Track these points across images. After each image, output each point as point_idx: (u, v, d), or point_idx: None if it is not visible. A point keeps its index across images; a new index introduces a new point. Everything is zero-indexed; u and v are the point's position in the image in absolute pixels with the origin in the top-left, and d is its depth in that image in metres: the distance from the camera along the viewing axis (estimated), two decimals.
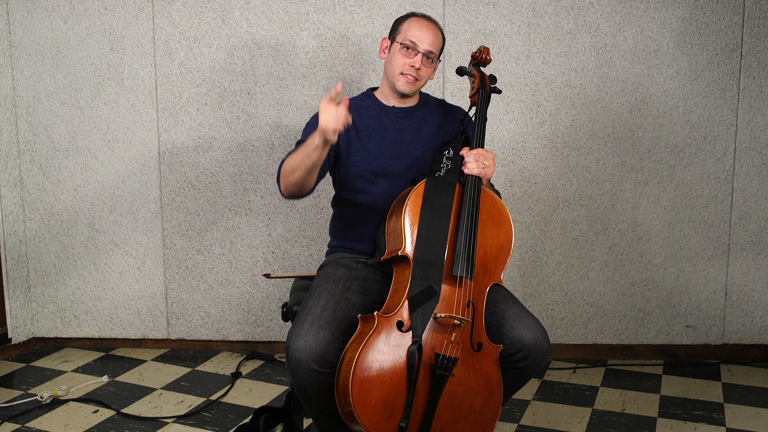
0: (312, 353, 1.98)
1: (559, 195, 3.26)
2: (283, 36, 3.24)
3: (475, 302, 2.07)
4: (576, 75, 3.19)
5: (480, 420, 2.03)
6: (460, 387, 2.01)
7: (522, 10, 3.15)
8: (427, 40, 2.28)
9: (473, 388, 2.02)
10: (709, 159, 3.21)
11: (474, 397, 2.02)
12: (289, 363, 2.02)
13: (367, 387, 1.94)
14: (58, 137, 3.38)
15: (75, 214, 3.43)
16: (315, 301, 2.13)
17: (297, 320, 2.07)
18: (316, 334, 2.00)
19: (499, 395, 2.05)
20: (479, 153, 2.15)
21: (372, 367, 1.95)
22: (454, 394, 2.01)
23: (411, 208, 2.11)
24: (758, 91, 3.16)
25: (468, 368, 2.02)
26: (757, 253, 3.25)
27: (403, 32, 2.30)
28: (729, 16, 3.12)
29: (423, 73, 2.30)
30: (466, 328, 2.03)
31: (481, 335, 2.05)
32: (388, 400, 1.96)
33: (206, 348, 3.50)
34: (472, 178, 2.13)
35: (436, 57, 2.32)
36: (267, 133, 3.31)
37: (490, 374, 2.04)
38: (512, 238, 2.16)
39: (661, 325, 3.32)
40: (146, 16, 3.27)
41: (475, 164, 2.13)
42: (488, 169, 2.15)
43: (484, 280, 2.11)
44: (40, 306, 3.51)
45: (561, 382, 3.11)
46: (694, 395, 2.98)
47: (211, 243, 3.40)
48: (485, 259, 2.12)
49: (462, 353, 2.02)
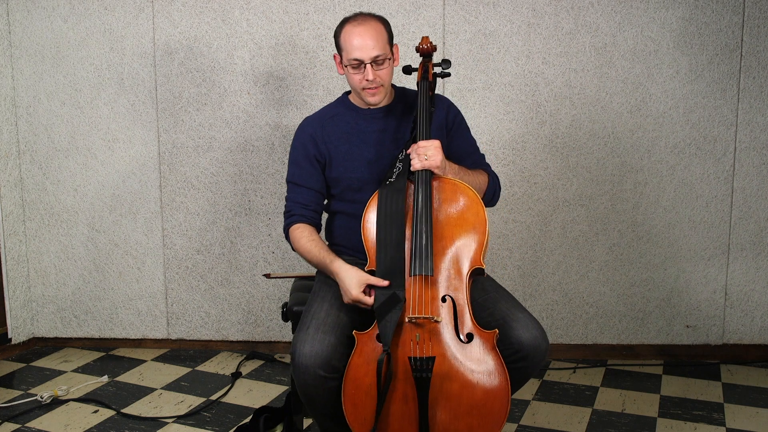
0: (318, 359, 1.98)
1: (559, 195, 3.26)
2: (283, 36, 3.24)
3: (453, 295, 2.05)
4: (576, 75, 3.18)
5: (485, 413, 1.99)
6: (453, 384, 1.99)
7: (522, 10, 3.15)
8: (367, 48, 2.19)
9: (470, 382, 1.99)
10: (709, 159, 3.21)
11: (473, 390, 1.99)
12: (295, 369, 2.02)
13: (359, 405, 2.00)
14: (58, 137, 3.38)
15: (75, 214, 3.43)
16: (319, 305, 2.13)
17: (302, 325, 2.07)
18: (322, 340, 2.00)
19: (504, 381, 1.99)
20: (419, 146, 2.13)
21: (358, 386, 2.00)
22: (448, 393, 1.99)
23: (366, 224, 2.15)
24: (758, 91, 3.16)
25: (459, 362, 2.00)
26: (757, 253, 3.25)
27: (344, 49, 2.24)
28: (729, 16, 3.12)
29: (382, 75, 2.24)
30: (446, 323, 2.02)
31: (468, 326, 2.02)
32: (381, 414, 1.99)
33: (206, 348, 3.50)
34: (419, 174, 2.11)
35: (388, 53, 2.24)
36: (267, 133, 3.31)
37: (488, 363, 1.99)
38: (484, 218, 2.10)
39: (661, 325, 3.32)
40: (146, 16, 3.27)
41: (417, 159, 2.12)
42: (431, 159, 2.11)
43: (459, 269, 2.08)
44: (40, 306, 3.51)
45: (561, 382, 3.11)
46: (694, 395, 2.98)
47: (211, 243, 3.40)
48: (454, 248, 2.09)
49: (449, 348, 2.00)
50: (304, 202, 2.33)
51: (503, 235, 3.28)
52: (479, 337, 2.02)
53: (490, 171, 2.37)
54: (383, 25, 2.26)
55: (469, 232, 2.10)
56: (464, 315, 2.03)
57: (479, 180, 2.28)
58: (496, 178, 2.37)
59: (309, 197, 2.34)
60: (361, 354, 2.02)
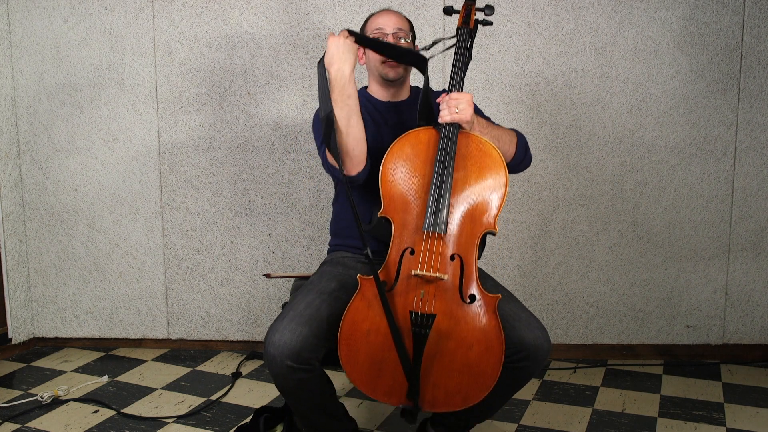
0: (286, 349, 1.97)
1: (560, 195, 3.26)
2: (283, 36, 3.24)
3: (463, 254, 2.04)
4: (576, 75, 3.18)
5: (477, 372, 2.00)
6: (450, 342, 2.00)
7: (522, 10, 3.15)
8: (391, 22, 2.32)
9: (466, 342, 2.00)
10: (710, 159, 3.21)
11: (468, 350, 2.00)
12: (264, 357, 2.03)
13: (353, 348, 2.02)
14: (59, 137, 3.38)
15: (75, 214, 3.43)
16: (302, 297, 2.13)
17: (279, 315, 2.08)
18: (293, 330, 2.00)
19: (499, 346, 1.99)
20: (450, 98, 2.09)
21: (356, 329, 2.02)
22: (443, 350, 2.00)
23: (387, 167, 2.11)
24: (758, 91, 3.16)
25: (458, 322, 2.00)
26: (758, 253, 3.25)
27: (368, 30, 2.35)
28: (729, 16, 3.12)
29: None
30: (451, 282, 2.02)
31: (473, 287, 2.03)
32: (374, 359, 2.00)
33: (206, 348, 3.50)
34: (447, 127, 2.08)
35: (407, 34, 2.33)
36: (267, 133, 3.31)
37: (487, 326, 2.00)
38: (504, 181, 2.07)
39: (662, 325, 3.32)
40: (146, 16, 3.27)
41: (447, 111, 2.08)
42: (462, 113, 2.07)
43: (471, 229, 2.06)
44: (41, 306, 3.51)
45: (561, 382, 3.11)
46: (695, 395, 2.98)
47: (212, 243, 3.40)
48: (470, 208, 2.07)
49: (451, 307, 2.01)
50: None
51: (503, 235, 3.28)
52: (482, 299, 2.02)
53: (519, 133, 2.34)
54: (408, 21, 2.41)
55: (488, 193, 2.08)
56: (471, 276, 2.04)
57: (508, 136, 2.25)
58: (524, 139, 2.33)
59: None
60: (363, 299, 2.03)
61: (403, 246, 2.07)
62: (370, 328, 2.01)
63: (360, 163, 2.14)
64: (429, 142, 2.11)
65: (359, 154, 2.13)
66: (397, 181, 2.10)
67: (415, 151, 2.11)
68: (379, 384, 2.02)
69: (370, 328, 2.01)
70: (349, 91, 2.08)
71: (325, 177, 3.29)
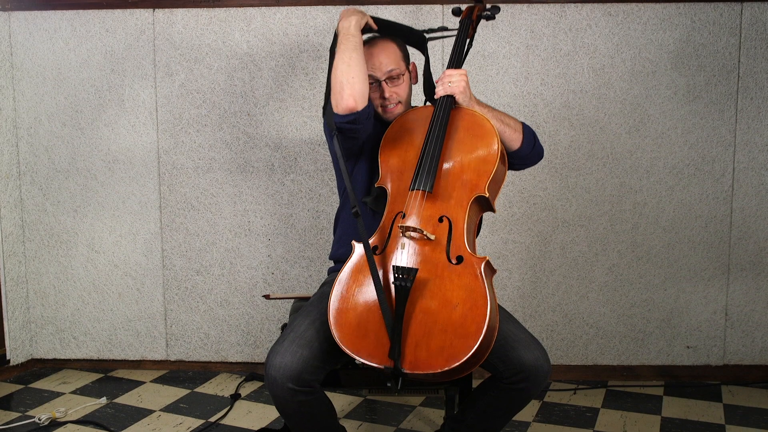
0: (288, 371, 1.97)
1: (559, 215, 3.27)
2: (283, 58, 3.26)
3: (451, 217, 2.07)
4: (574, 96, 3.20)
5: (460, 333, 1.94)
6: (433, 301, 1.98)
7: (520, 32, 3.18)
8: (381, 65, 2.27)
9: (450, 301, 1.97)
10: (708, 179, 3.22)
11: (452, 310, 1.96)
12: (265, 380, 2.02)
13: (342, 308, 2.03)
14: (59, 158, 3.39)
15: (75, 234, 3.43)
16: (302, 319, 2.13)
17: (280, 337, 2.08)
18: (294, 353, 1.99)
19: (484, 307, 1.95)
20: (445, 74, 2.21)
21: (346, 290, 2.05)
22: (427, 308, 1.98)
23: (384, 140, 2.25)
24: (756, 111, 3.17)
25: (443, 281, 2.00)
26: (757, 274, 3.25)
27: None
28: (726, 37, 3.14)
29: (398, 92, 2.31)
30: (438, 242, 2.04)
31: (461, 249, 2.03)
32: (360, 320, 2.01)
33: (205, 369, 3.49)
34: (441, 99, 2.18)
35: (402, 69, 2.31)
36: (267, 155, 3.32)
37: (473, 286, 1.98)
38: (496, 151, 2.13)
39: (662, 345, 3.31)
40: (147, 38, 3.29)
41: (440, 85, 2.20)
42: (454, 85, 2.17)
43: (462, 193, 2.11)
44: (39, 327, 3.50)
45: (561, 404, 3.10)
46: (696, 416, 2.96)
47: (211, 264, 3.40)
48: (460, 172, 2.13)
49: (436, 267, 2.01)
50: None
51: (502, 256, 3.28)
52: (469, 260, 2.02)
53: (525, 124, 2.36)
54: (395, 43, 2.35)
55: (478, 159, 2.14)
56: (459, 238, 2.05)
57: (512, 121, 2.27)
58: (531, 129, 2.34)
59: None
60: (355, 263, 2.08)
61: (395, 211, 2.13)
62: (359, 288, 2.04)
63: (360, 96, 2.15)
64: (427, 117, 2.21)
65: (360, 86, 2.15)
66: (393, 151, 2.22)
67: (413, 125, 2.24)
68: (363, 344, 1.99)
69: (359, 288, 2.04)
70: (353, 32, 2.21)
71: (325, 198, 3.30)
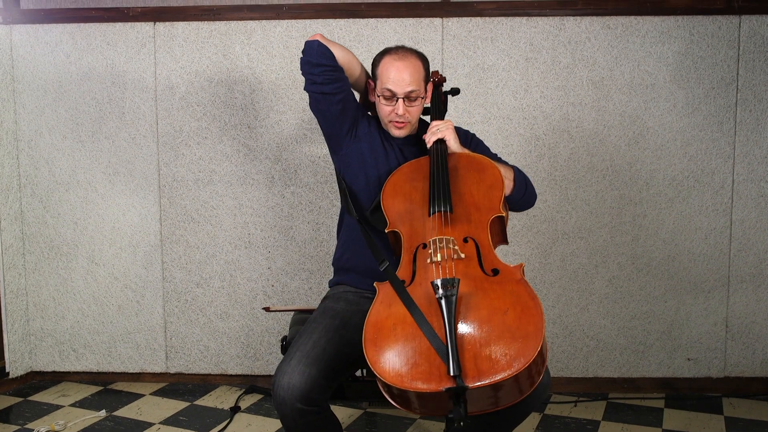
0: (296, 391, 1.97)
1: (559, 228, 3.27)
2: (283, 71, 3.27)
3: (476, 237, 2.08)
4: (574, 108, 3.21)
5: (519, 335, 1.87)
6: (482, 311, 1.92)
7: (520, 45, 3.19)
8: (404, 83, 2.25)
9: (500, 308, 1.92)
10: (708, 191, 3.22)
11: (503, 315, 1.91)
12: (273, 400, 2.02)
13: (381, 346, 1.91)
14: (59, 171, 3.39)
15: (75, 247, 3.43)
16: (307, 336, 2.12)
17: (286, 356, 2.06)
18: (303, 372, 1.99)
19: (536, 307, 1.91)
20: (431, 126, 2.30)
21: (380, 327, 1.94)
22: (477, 319, 1.90)
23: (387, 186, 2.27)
24: (755, 123, 3.18)
25: (486, 292, 1.95)
26: (757, 285, 3.25)
27: (380, 77, 2.29)
28: (724, 50, 3.15)
29: (412, 112, 2.30)
30: (470, 259, 2.03)
31: (494, 263, 2.03)
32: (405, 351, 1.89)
33: (205, 382, 3.48)
34: (433, 145, 2.26)
35: (422, 91, 2.29)
36: (267, 167, 3.32)
37: (518, 291, 1.95)
38: (501, 177, 2.20)
39: (662, 358, 3.30)
40: (148, 51, 3.30)
41: (430, 134, 2.27)
42: (443, 130, 2.26)
43: (480, 216, 2.14)
44: (39, 339, 3.49)
45: (562, 416, 3.09)
46: (696, 429, 2.96)
47: (211, 276, 3.40)
48: (474, 198, 2.17)
49: (475, 280, 1.98)
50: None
51: None
52: (505, 269, 2.01)
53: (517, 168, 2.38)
54: (422, 62, 2.33)
55: (490, 186, 2.19)
56: (489, 255, 2.05)
57: (501, 166, 2.29)
58: (523, 173, 2.36)
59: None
60: (382, 302, 2.01)
61: (414, 246, 2.11)
62: (395, 323, 1.94)
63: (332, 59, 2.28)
64: (423, 164, 2.27)
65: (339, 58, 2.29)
66: (396, 198, 2.22)
67: (413, 175, 2.26)
68: (415, 374, 1.87)
69: (395, 323, 1.94)
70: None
71: (325, 210, 3.30)
